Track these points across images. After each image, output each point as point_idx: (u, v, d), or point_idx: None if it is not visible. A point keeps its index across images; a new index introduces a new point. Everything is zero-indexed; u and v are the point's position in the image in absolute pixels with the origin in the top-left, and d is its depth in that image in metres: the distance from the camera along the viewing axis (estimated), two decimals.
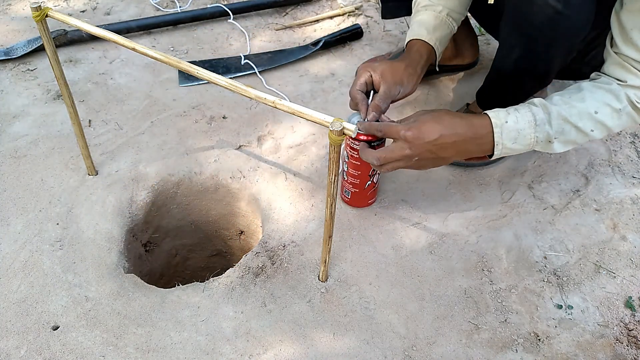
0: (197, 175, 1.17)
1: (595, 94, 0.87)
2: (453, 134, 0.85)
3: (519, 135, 0.87)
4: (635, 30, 0.82)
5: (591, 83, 0.90)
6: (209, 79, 0.79)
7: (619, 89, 0.87)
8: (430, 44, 1.04)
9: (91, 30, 0.85)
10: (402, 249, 1.02)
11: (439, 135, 0.85)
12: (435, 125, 0.85)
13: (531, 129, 0.86)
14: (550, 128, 0.87)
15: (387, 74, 0.96)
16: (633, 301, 0.96)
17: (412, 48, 1.04)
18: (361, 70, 0.98)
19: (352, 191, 1.06)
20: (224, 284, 0.96)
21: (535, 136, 0.87)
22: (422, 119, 0.87)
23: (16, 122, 1.25)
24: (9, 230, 1.02)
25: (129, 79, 1.41)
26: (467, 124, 0.87)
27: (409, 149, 0.85)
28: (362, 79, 0.97)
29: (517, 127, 0.86)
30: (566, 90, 0.91)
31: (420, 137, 0.85)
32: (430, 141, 0.85)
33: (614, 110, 0.87)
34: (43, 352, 0.86)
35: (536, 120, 0.86)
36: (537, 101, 0.89)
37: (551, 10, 0.88)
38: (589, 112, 0.87)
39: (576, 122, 0.87)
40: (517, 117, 0.86)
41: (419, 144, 0.85)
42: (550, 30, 0.92)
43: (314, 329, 0.90)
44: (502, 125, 0.86)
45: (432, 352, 0.88)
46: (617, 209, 1.11)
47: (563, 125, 0.87)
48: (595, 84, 0.89)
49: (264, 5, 1.66)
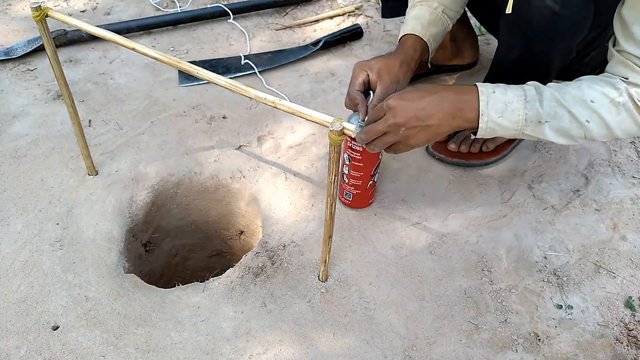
0: (197, 175, 1.17)
1: (593, 83, 0.84)
2: (436, 96, 0.84)
3: (507, 108, 0.83)
4: (637, 25, 0.80)
5: (591, 76, 0.87)
6: (209, 79, 0.79)
7: (620, 82, 0.83)
8: (424, 40, 1.04)
9: (91, 30, 0.85)
10: (402, 249, 1.02)
11: (421, 97, 0.83)
12: (417, 91, 0.84)
13: (520, 104, 0.83)
14: (541, 107, 0.83)
15: (383, 73, 0.96)
16: (633, 301, 0.96)
17: (406, 43, 1.04)
18: (357, 69, 0.98)
19: (353, 193, 1.05)
20: (224, 284, 0.96)
21: (524, 113, 0.83)
22: (405, 89, 0.87)
23: (16, 122, 1.25)
24: (9, 230, 1.02)
25: (129, 79, 1.41)
26: (451, 88, 0.85)
27: (392, 118, 0.83)
28: (360, 79, 0.97)
29: (505, 98, 0.83)
30: (564, 82, 0.87)
31: (402, 103, 0.82)
32: (414, 105, 0.83)
33: (612, 102, 0.83)
34: (43, 352, 0.86)
35: (526, 97, 0.83)
36: (530, 82, 0.86)
37: (549, 11, 0.88)
38: (584, 99, 0.83)
39: (570, 106, 0.83)
40: (505, 90, 0.84)
41: (402, 110, 0.83)
42: (548, 31, 0.92)
43: (314, 329, 0.90)
44: (488, 94, 0.83)
45: (432, 352, 0.88)
46: (617, 209, 1.11)
47: (556, 108, 0.83)
48: (595, 76, 0.86)
49: (264, 5, 1.66)
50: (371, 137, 0.85)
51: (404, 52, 1.02)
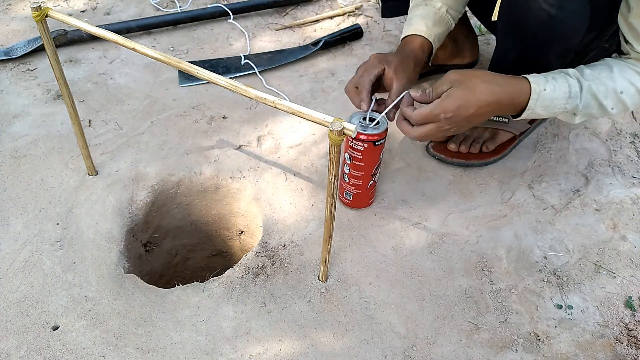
0: (197, 175, 1.17)
1: (624, 72, 0.90)
2: (489, 102, 0.87)
3: (551, 104, 0.89)
4: None
5: (620, 62, 0.92)
6: (209, 79, 0.79)
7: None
8: (430, 40, 1.04)
9: (91, 30, 0.85)
10: (402, 249, 1.02)
11: (476, 109, 0.86)
12: (471, 99, 0.86)
13: (564, 100, 0.89)
14: (580, 102, 0.90)
15: (400, 71, 0.96)
16: (633, 301, 0.96)
17: (413, 43, 1.03)
18: (375, 61, 0.97)
19: (354, 193, 1.05)
20: (224, 284, 0.96)
21: (565, 107, 0.90)
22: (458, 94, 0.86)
23: (16, 122, 1.25)
24: (9, 230, 1.02)
25: (129, 79, 1.41)
26: (505, 89, 0.88)
27: (447, 125, 0.88)
28: (376, 71, 0.96)
29: (553, 96, 0.89)
30: (595, 66, 0.92)
31: (457, 114, 0.86)
32: (468, 116, 0.87)
33: (637, 90, 0.90)
34: (43, 352, 0.86)
35: (570, 93, 0.89)
36: (571, 72, 0.90)
37: (545, 14, 0.88)
38: (615, 91, 0.89)
39: (602, 99, 0.89)
40: (554, 86, 0.89)
41: (456, 120, 0.87)
42: (545, 34, 0.92)
43: (314, 329, 0.90)
44: (539, 92, 0.88)
45: (432, 352, 0.88)
46: (617, 209, 1.11)
47: (590, 100, 0.90)
48: (625, 63, 0.91)
49: (264, 5, 1.66)
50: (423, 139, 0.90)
51: (414, 52, 1.02)
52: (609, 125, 1.30)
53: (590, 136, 1.27)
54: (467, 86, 0.87)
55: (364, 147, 0.97)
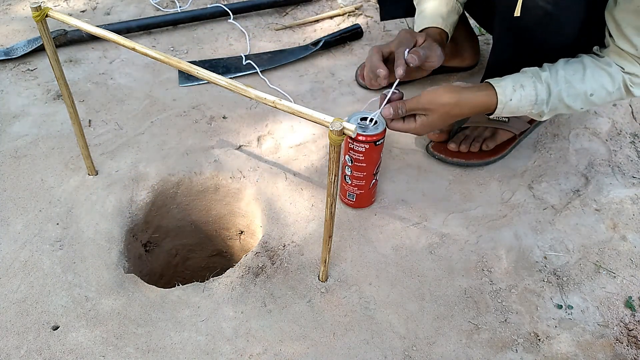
0: (197, 175, 1.17)
1: (595, 74, 0.94)
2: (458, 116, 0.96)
3: (517, 110, 0.96)
4: (629, 27, 0.90)
5: (594, 61, 0.96)
6: (209, 79, 0.79)
7: (618, 72, 0.94)
8: (446, 31, 1.06)
9: (91, 30, 0.85)
10: (402, 249, 1.02)
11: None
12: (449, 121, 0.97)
13: (529, 107, 0.95)
14: (546, 107, 0.95)
15: (431, 41, 0.99)
16: (633, 301, 0.96)
17: (430, 34, 1.04)
18: (406, 34, 0.99)
19: (356, 194, 1.05)
20: (224, 284, 0.96)
21: (530, 111, 0.97)
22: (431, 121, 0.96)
23: (16, 122, 1.25)
24: (9, 230, 1.02)
25: (129, 79, 1.41)
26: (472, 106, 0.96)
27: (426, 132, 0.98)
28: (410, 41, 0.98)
29: (519, 104, 0.95)
30: (570, 65, 0.96)
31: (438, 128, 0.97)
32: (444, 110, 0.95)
33: (608, 93, 0.95)
34: (43, 352, 0.86)
35: (537, 100, 0.94)
36: (543, 77, 0.94)
37: (541, 11, 0.89)
38: (585, 94, 0.94)
39: (570, 102, 0.95)
40: (520, 96, 0.94)
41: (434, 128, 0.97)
42: (541, 32, 0.93)
43: (314, 329, 0.90)
44: (505, 103, 0.95)
45: (432, 352, 0.88)
46: (617, 209, 1.11)
47: (557, 104, 0.95)
48: (597, 62, 0.95)
49: (264, 5, 1.66)
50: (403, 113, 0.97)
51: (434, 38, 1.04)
52: (609, 125, 1.30)
53: (590, 136, 1.27)
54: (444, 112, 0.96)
55: (365, 148, 0.97)
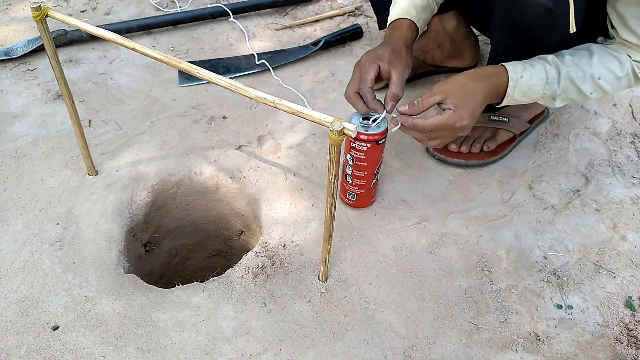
0: (197, 175, 1.17)
1: (602, 59, 0.94)
2: (484, 97, 0.93)
3: (530, 90, 0.94)
4: (633, 19, 0.91)
5: (601, 47, 0.96)
6: (209, 79, 0.79)
7: (626, 58, 0.94)
8: (418, 25, 1.05)
9: (91, 30, 0.85)
10: (402, 249, 1.02)
11: (480, 107, 0.93)
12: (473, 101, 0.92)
13: (541, 86, 0.94)
14: (558, 87, 0.94)
15: (395, 61, 0.97)
16: (633, 301, 0.96)
17: (401, 28, 1.04)
18: (367, 63, 0.97)
19: (357, 193, 1.05)
20: (224, 284, 0.96)
21: (543, 92, 0.94)
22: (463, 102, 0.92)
23: (16, 122, 1.25)
24: (9, 230, 1.02)
25: (129, 79, 1.41)
26: (490, 80, 0.93)
27: (461, 131, 0.94)
28: (372, 74, 0.96)
29: (530, 82, 0.93)
30: (576, 51, 0.96)
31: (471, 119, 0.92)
32: (475, 116, 0.93)
33: (616, 77, 0.95)
34: (43, 352, 0.86)
35: (548, 79, 0.93)
36: (550, 58, 0.94)
37: (542, 8, 0.89)
38: (593, 77, 0.94)
39: (580, 84, 0.94)
40: (531, 74, 0.93)
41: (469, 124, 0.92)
42: (542, 28, 0.93)
43: (314, 329, 0.90)
44: (517, 80, 0.93)
45: (432, 352, 0.88)
46: (617, 209, 1.11)
47: (569, 86, 0.94)
48: (605, 48, 0.96)
49: (264, 5, 1.66)
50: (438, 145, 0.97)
51: (404, 37, 1.03)
52: (609, 125, 1.30)
53: (590, 136, 1.27)
54: (465, 92, 0.92)
55: (367, 147, 0.97)
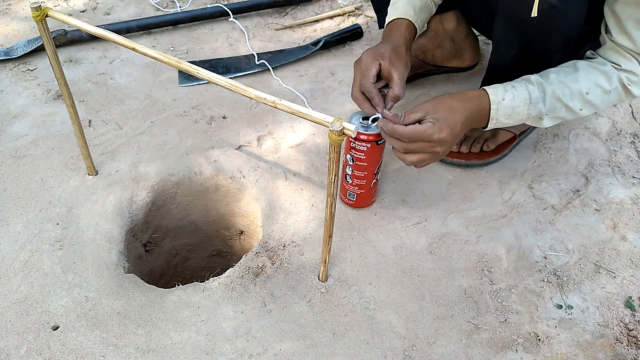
0: (197, 175, 1.17)
1: (589, 74, 0.93)
2: (466, 118, 0.91)
3: (514, 112, 0.92)
4: (630, 20, 0.88)
5: (587, 63, 0.95)
6: (209, 79, 0.79)
7: (612, 71, 0.93)
8: (417, 26, 1.05)
9: (91, 30, 0.85)
10: (402, 249, 1.02)
11: (460, 126, 0.90)
12: (454, 119, 0.89)
13: (525, 107, 0.92)
14: (543, 106, 0.92)
15: (395, 60, 0.96)
16: (633, 301, 0.96)
17: (400, 28, 1.04)
18: (368, 59, 0.96)
19: (357, 193, 1.05)
20: (224, 284, 0.96)
21: (528, 113, 0.93)
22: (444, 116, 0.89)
23: (16, 122, 1.25)
24: (9, 230, 1.02)
25: (129, 79, 1.41)
26: (473, 103, 0.92)
27: (438, 147, 0.89)
28: (374, 71, 0.96)
29: (513, 104, 0.92)
30: (562, 68, 0.95)
31: (450, 134, 0.88)
32: (456, 134, 0.90)
33: (605, 91, 0.93)
34: (43, 352, 0.86)
35: (531, 99, 0.92)
36: (533, 79, 0.93)
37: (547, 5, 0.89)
38: (581, 93, 0.92)
39: (567, 102, 0.93)
40: (513, 95, 0.91)
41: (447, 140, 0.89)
42: (547, 26, 0.93)
43: (314, 329, 0.90)
44: (499, 103, 0.92)
45: (432, 352, 0.88)
46: (617, 209, 1.11)
47: (555, 104, 0.93)
48: (590, 64, 0.95)
49: (264, 5, 1.66)
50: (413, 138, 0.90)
51: (403, 37, 1.03)
52: (609, 125, 1.30)
53: (590, 136, 1.27)
54: (446, 108, 0.90)
55: (367, 147, 0.96)
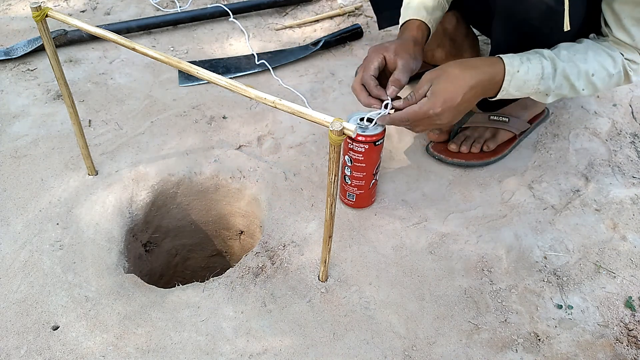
0: (197, 175, 1.17)
1: (598, 56, 0.94)
2: (471, 87, 0.90)
3: (524, 85, 0.93)
4: (628, 18, 0.91)
5: (597, 44, 0.97)
6: (209, 79, 0.79)
7: (619, 55, 0.95)
8: (429, 26, 1.05)
9: (91, 30, 0.85)
10: (402, 249, 1.02)
11: (462, 96, 0.89)
12: (454, 89, 0.89)
13: (536, 81, 0.93)
14: (552, 83, 0.93)
15: (400, 51, 0.97)
16: (633, 301, 0.96)
17: (411, 28, 1.04)
18: (373, 53, 0.98)
19: (356, 194, 1.05)
20: (224, 284, 0.96)
21: (537, 87, 0.93)
22: (440, 88, 0.90)
23: (16, 122, 1.25)
24: (9, 230, 1.02)
25: (129, 79, 1.41)
26: (483, 70, 0.91)
27: (439, 120, 0.91)
28: (375, 64, 0.96)
29: (526, 77, 0.92)
30: (573, 46, 0.96)
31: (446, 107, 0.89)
32: (456, 105, 0.90)
33: (609, 74, 0.95)
34: (43, 352, 0.86)
35: (543, 74, 0.92)
36: (546, 53, 0.93)
37: (544, 6, 0.89)
38: (587, 73, 0.94)
39: (574, 81, 0.94)
40: (528, 68, 0.91)
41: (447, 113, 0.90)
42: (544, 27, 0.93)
43: (313, 328, 0.90)
44: (513, 74, 0.92)
45: (432, 352, 0.88)
46: (617, 209, 1.11)
47: (562, 82, 0.94)
48: (600, 45, 0.96)
49: (264, 5, 1.66)
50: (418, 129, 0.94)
51: (413, 36, 1.03)
52: (609, 125, 1.30)
53: (590, 136, 1.27)
54: (447, 78, 0.90)
55: (365, 148, 0.97)
